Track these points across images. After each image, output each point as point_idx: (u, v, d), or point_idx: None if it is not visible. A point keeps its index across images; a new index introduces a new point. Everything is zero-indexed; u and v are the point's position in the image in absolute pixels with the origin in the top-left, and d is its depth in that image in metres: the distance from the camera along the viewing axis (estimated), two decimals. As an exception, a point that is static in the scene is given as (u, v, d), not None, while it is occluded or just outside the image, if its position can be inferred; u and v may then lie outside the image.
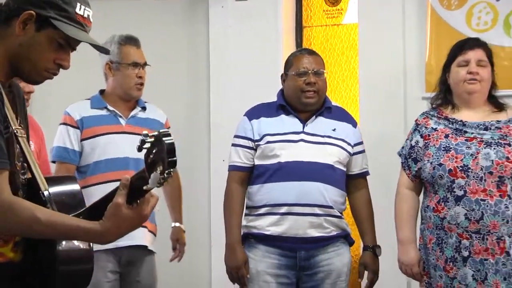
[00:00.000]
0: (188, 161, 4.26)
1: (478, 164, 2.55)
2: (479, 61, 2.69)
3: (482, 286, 2.53)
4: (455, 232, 2.57)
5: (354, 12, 4.13)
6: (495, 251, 2.53)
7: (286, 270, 2.84)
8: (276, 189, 2.82)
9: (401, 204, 2.77)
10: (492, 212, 2.52)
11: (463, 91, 2.70)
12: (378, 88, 3.85)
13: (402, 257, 2.74)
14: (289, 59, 3.01)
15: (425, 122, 2.77)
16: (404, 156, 2.79)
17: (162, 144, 1.40)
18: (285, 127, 2.90)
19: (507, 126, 2.67)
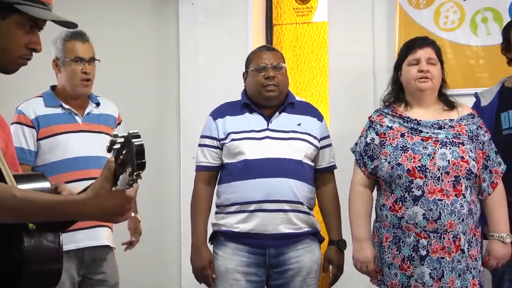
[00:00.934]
0: (158, 160, 4.25)
1: (435, 165, 2.59)
2: (429, 59, 2.73)
3: (439, 284, 2.57)
4: (413, 231, 2.60)
5: (324, 10, 4.15)
6: (451, 249, 2.57)
7: (256, 267, 2.84)
8: (243, 187, 2.82)
9: (355, 202, 2.79)
10: (449, 211, 2.56)
11: (415, 89, 2.74)
12: (348, 86, 3.87)
13: (357, 254, 2.77)
14: (249, 57, 3.02)
15: (379, 119, 2.79)
16: (359, 153, 2.81)
17: (131, 145, 1.38)
18: (250, 124, 2.90)
19: (459, 125, 2.71)
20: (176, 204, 4.15)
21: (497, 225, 2.71)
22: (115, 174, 1.46)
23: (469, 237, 2.62)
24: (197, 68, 4.15)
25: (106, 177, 1.49)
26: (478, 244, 2.67)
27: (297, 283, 2.86)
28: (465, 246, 2.59)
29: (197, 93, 4.12)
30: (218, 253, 2.89)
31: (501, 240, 2.68)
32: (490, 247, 2.71)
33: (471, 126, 2.73)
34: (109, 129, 3.11)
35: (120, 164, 1.43)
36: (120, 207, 1.53)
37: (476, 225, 2.67)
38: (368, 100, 3.80)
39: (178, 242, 4.13)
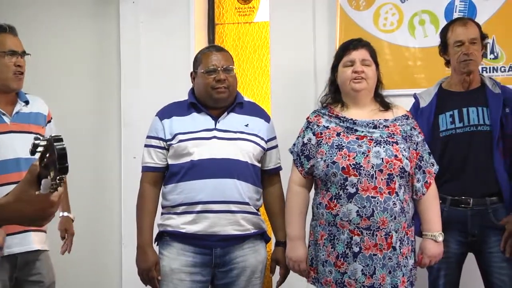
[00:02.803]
0: (99, 160, 4.20)
1: (369, 162, 2.62)
2: (363, 60, 2.77)
3: (371, 280, 2.60)
4: (347, 228, 2.63)
5: (265, 10, 4.17)
6: (383, 246, 2.61)
7: (201, 267, 2.82)
8: (190, 188, 2.79)
9: (292, 201, 2.82)
10: (381, 209, 2.60)
11: (350, 90, 2.77)
12: (289, 86, 3.90)
13: (290, 253, 2.79)
14: (198, 56, 2.98)
15: (316, 120, 2.82)
16: (296, 153, 2.83)
17: (53, 149, 1.34)
18: (197, 125, 2.87)
19: (394, 125, 2.76)
20: (117, 204, 4.11)
21: (430, 224, 2.76)
22: (40, 177, 1.42)
23: (401, 235, 2.65)
24: (138, 68, 4.11)
25: (29, 180, 1.43)
26: (410, 242, 2.71)
27: (242, 283, 2.85)
28: (396, 243, 2.63)
29: (139, 92, 4.09)
30: (164, 254, 2.86)
31: (434, 239, 2.73)
32: (423, 246, 2.76)
33: (405, 126, 2.77)
34: (40, 128, 3.04)
35: (44, 167, 1.39)
36: (42, 211, 1.47)
37: (408, 224, 2.71)
38: (309, 100, 3.83)
39: (119, 243, 4.09)
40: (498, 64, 3.60)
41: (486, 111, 3.05)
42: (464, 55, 3.04)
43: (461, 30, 3.07)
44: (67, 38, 4.25)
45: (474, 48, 3.04)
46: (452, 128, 3.06)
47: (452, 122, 3.07)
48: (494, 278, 2.99)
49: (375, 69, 2.81)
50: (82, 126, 4.13)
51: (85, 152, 4.10)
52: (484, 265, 3.05)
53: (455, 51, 3.07)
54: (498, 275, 2.98)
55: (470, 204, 3.00)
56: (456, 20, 3.20)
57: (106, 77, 4.24)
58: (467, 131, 3.05)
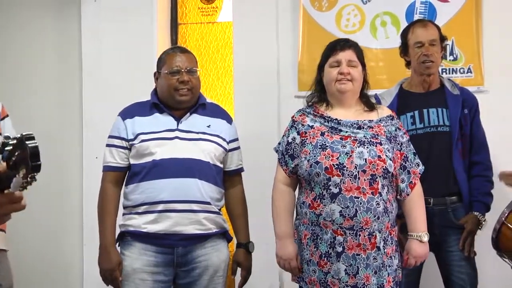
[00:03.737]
0: (60, 159, 4.15)
1: (352, 163, 2.63)
2: (350, 61, 2.77)
3: (354, 280, 2.61)
4: (330, 228, 2.63)
5: (228, 11, 4.18)
6: (367, 247, 2.62)
7: (163, 267, 2.81)
8: (152, 187, 2.79)
9: (278, 200, 2.81)
10: (364, 209, 2.60)
11: (335, 91, 2.78)
12: (252, 86, 3.91)
13: (279, 251, 2.78)
14: (162, 57, 2.97)
15: (301, 119, 2.83)
16: (281, 152, 2.83)
17: (25, 147, 1.33)
18: (159, 125, 2.86)
19: (378, 126, 2.77)
20: (78, 204, 4.07)
21: (415, 225, 2.76)
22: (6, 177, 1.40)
23: (384, 235, 2.66)
24: (100, 67, 4.07)
25: None
26: (393, 242, 2.72)
27: (204, 282, 2.85)
28: (380, 243, 2.64)
29: (100, 92, 4.05)
30: (125, 254, 2.84)
31: (419, 239, 2.74)
32: (408, 246, 2.77)
33: (389, 127, 2.78)
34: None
35: (12, 166, 1.38)
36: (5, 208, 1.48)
37: (392, 223, 2.71)
38: (273, 100, 3.85)
39: (81, 243, 4.05)
40: (457, 65, 3.66)
41: (445, 112, 3.09)
42: (424, 56, 3.08)
43: (421, 31, 3.11)
44: (28, 38, 4.19)
45: (433, 49, 3.09)
46: (413, 129, 3.10)
47: (413, 123, 3.11)
48: (454, 277, 3.04)
49: (361, 70, 2.81)
50: (43, 126, 4.08)
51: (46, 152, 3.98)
52: (444, 264, 3.09)
53: (415, 52, 3.11)
54: (457, 273, 3.03)
55: (430, 204, 3.03)
56: (416, 21, 3.24)
57: (68, 77, 4.19)
58: (428, 132, 3.09)
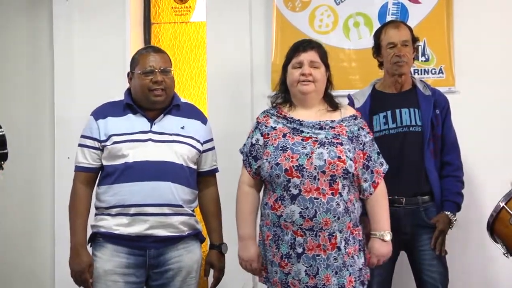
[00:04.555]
0: (32, 159, 4.11)
1: (312, 164, 2.63)
2: (312, 62, 2.78)
3: (314, 281, 2.62)
4: (290, 229, 2.64)
5: (202, 10, 4.17)
6: (327, 247, 2.63)
7: (135, 268, 2.79)
8: (124, 190, 2.76)
9: (241, 201, 2.82)
10: (324, 209, 2.62)
11: (297, 92, 2.79)
12: (226, 86, 3.91)
13: (242, 253, 2.79)
14: (135, 57, 2.94)
15: (265, 120, 2.84)
16: (246, 153, 2.84)
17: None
18: (132, 127, 2.83)
19: (340, 126, 2.78)
20: (50, 204, 4.04)
21: (378, 224, 2.78)
22: None
23: (346, 235, 2.67)
24: (72, 67, 4.04)
25: None
26: (357, 242, 2.73)
27: (177, 283, 2.84)
28: (341, 243, 2.65)
29: (73, 92, 4.03)
30: (97, 255, 2.82)
31: (381, 238, 2.75)
32: (371, 245, 2.78)
33: (352, 127, 2.80)
34: None
35: None
36: None
37: (354, 223, 2.72)
38: (246, 100, 3.85)
39: (52, 244, 4.01)
40: (429, 66, 3.70)
41: (417, 112, 3.12)
42: (396, 57, 3.10)
43: (393, 32, 3.13)
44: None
45: (406, 50, 3.11)
46: (385, 129, 3.12)
47: (386, 123, 3.13)
48: (425, 276, 3.07)
49: (324, 71, 2.82)
50: (15, 126, 4.03)
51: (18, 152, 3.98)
52: (415, 263, 3.12)
53: (388, 52, 3.13)
54: (429, 272, 3.06)
55: (403, 203, 3.06)
56: (388, 22, 3.26)
57: (39, 77, 4.15)
58: (400, 132, 3.11)
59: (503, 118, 3.62)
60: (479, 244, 3.64)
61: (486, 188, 3.62)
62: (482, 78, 3.65)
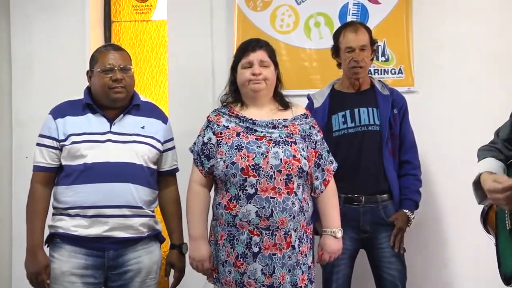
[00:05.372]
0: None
1: (268, 163, 2.65)
2: (262, 61, 2.79)
3: (270, 280, 2.63)
4: (246, 229, 2.65)
5: (163, 9, 4.14)
6: (283, 246, 2.65)
7: (93, 270, 2.76)
8: (83, 191, 2.73)
9: (192, 201, 2.80)
10: (280, 209, 2.63)
11: (249, 90, 2.80)
12: (187, 85, 3.89)
13: (192, 253, 2.78)
14: (94, 55, 2.91)
15: (217, 119, 2.84)
16: (197, 152, 2.83)
17: None
18: (92, 126, 2.81)
19: (292, 124, 2.80)
20: (7, 205, 3.97)
21: (330, 221, 2.81)
22: None
23: (300, 234, 2.70)
24: (30, 65, 3.98)
25: None
26: (308, 240, 2.76)
27: (136, 284, 2.82)
28: (295, 242, 2.67)
29: (31, 90, 3.97)
30: (54, 256, 2.78)
31: (333, 235, 2.79)
32: (323, 242, 2.82)
33: (304, 125, 2.82)
34: None
35: None
36: None
37: (307, 222, 2.76)
38: (207, 99, 3.84)
39: (9, 245, 3.95)
40: (388, 66, 3.73)
41: (376, 111, 3.16)
42: (354, 62, 3.14)
43: (352, 36, 3.15)
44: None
45: (363, 55, 3.15)
46: (344, 128, 3.15)
47: (344, 122, 3.16)
48: (384, 273, 3.10)
49: (274, 69, 2.83)
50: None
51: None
52: (374, 261, 3.15)
53: (346, 56, 3.16)
54: (387, 269, 3.09)
55: (362, 202, 3.09)
56: (347, 25, 3.27)
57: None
58: (359, 131, 3.15)
59: (462, 118, 3.68)
60: (437, 242, 3.70)
61: (444, 187, 3.68)
62: (440, 78, 3.71)
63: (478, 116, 3.65)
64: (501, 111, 3.57)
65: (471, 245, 3.58)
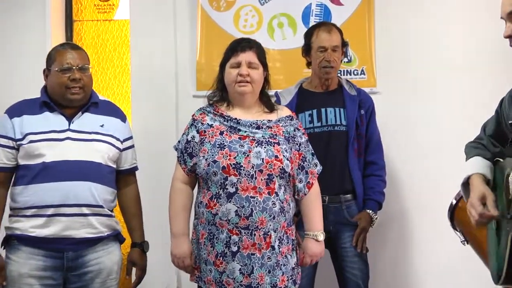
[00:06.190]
0: None
1: (249, 162, 2.64)
2: (250, 63, 2.78)
3: (248, 280, 2.63)
4: (226, 228, 2.64)
5: (126, 8, 4.11)
6: (262, 246, 2.64)
7: (52, 271, 2.72)
8: (41, 190, 2.69)
9: (175, 198, 2.79)
10: (260, 208, 2.63)
11: (235, 92, 2.80)
12: (150, 85, 3.87)
13: (174, 250, 2.76)
14: (51, 54, 2.87)
15: (201, 118, 2.82)
16: (180, 150, 2.81)
17: None
18: (50, 125, 2.76)
19: (276, 126, 2.80)
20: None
21: (312, 224, 2.80)
22: None
23: (280, 235, 2.69)
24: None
25: None
26: (290, 241, 2.75)
27: (97, 285, 2.78)
28: (275, 243, 2.66)
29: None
30: (11, 258, 2.73)
31: (315, 238, 2.78)
32: (304, 245, 2.80)
33: (288, 127, 2.81)
34: None
35: None
36: None
37: (288, 223, 2.74)
38: (170, 99, 3.82)
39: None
40: (351, 67, 3.76)
41: (343, 111, 3.18)
42: (326, 62, 3.15)
43: (325, 36, 3.17)
44: None
45: (335, 55, 3.16)
46: (310, 127, 3.16)
47: (311, 122, 3.17)
48: (347, 272, 3.12)
49: (262, 71, 2.82)
50: None
51: None
52: (338, 260, 3.17)
53: (318, 55, 3.17)
54: (350, 269, 3.11)
55: (326, 202, 3.09)
56: (321, 24, 3.28)
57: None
58: (325, 131, 3.17)
59: (423, 118, 3.72)
60: (400, 241, 3.74)
61: (407, 187, 3.72)
62: (402, 79, 3.74)
63: (439, 116, 3.70)
64: (463, 110, 3.66)
65: (434, 244, 3.63)
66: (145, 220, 2.99)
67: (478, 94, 3.63)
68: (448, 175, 3.43)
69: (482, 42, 3.66)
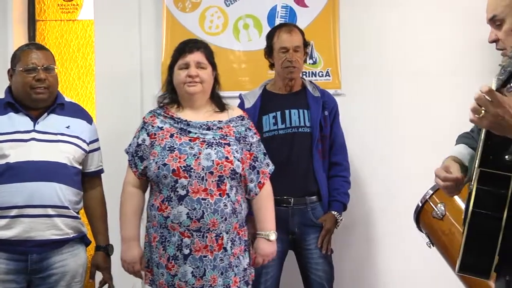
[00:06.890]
0: None
1: (200, 164, 2.64)
2: (198, 63, 2.78)
3: (201, 282, 2.62)
4: (177, 230, 2.63)
5: (90, 8, 4.07)
6: (214, 248, 2.64)
7: (15, 274, 2.68)
8: (4, 191, 2.65)
9: (125, 202, 2.78)
10: (212, 210, 2.62)
11: (184, 93, 2.79)
12: (115, 86, 3.84)
13: (124, 254, 2.75)
14: (16, 53, 2.84)
15: (152, 120, 2.81)
16: (131, 154, 2.80)
17: None
18: (14, 125, 2.73)
19: (227, 126, 2.80)
20: None
21: (263, 224, 2.81)
22: None
23: (232, 236, 2.69)
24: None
25: None
26: (242, 242, 2.75)
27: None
28: (228, 244, 2.66)
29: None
30: (-28, 261, 2.69)
31: (267, 238, 2.79)
32: (256, 245, 2.81)
33: (239, 127, 2.81)
34: None
35: None
36: None
37: (241, 224, 2.74)
38: (135, 100, 3.80)
39: None
40: (316, 69, 3.78)
41: (307, 113, 3.19)
42: (288, 62, 3.16)
43: (286, 37, 3.18)
44: None
45: (297, 55, 3.17)
46: (274, 129, 3.17)
47: (275, 123, 3.18)
48: (312, 274, 3.14)
49: (211, 71, 2.82)
50: None
51: None
52: (302, 262, 3.18)
53: (280, 56, 3.18)
54: (315, 270, 3.13)
55: (291, 203, 3.11)
56: (282, 26, 3.30)
57: None
58: (289, 132, 3.17)
59: (387, 119, 3.76)
60: (365, 242, 3.77)
61: (371, 188, 3.75)
62: (366, 80, 3.77)
63: (403, 118, 3.74)
64: (426, 111, 3.70)
65: (398, 245, 3.67)
66: (110, 223, 2.96)
67: (441, 94, 3.68)
68: (412, 177, 3.50)
69: (441, 42, 3.71)
